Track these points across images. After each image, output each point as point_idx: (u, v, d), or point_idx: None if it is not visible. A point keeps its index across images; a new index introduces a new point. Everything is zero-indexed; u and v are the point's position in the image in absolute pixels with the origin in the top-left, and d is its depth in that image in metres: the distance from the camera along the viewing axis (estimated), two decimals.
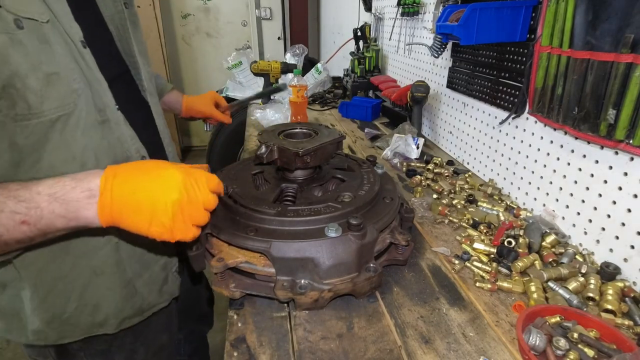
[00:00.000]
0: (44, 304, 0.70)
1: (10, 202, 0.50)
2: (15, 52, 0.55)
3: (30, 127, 0.59)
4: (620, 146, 0.75)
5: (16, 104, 0.57)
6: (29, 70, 0.56)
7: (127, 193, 0.53)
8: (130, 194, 0.53)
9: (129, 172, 0.55)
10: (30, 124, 0.59)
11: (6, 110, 0.56)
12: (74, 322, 0.74)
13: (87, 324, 0.76)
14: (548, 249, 0.88)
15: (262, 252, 0.69)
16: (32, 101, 0.58)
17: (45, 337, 0.73)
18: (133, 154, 0.76)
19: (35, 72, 0.57)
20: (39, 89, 0.58)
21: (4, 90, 0.55)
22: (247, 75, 2.44)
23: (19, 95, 0.56)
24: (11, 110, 0.57)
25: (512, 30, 1.03)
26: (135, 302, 0.81)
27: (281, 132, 0.91)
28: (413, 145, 1.44)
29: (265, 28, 4.79)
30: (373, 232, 0.72)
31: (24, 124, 0.58)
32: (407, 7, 1.77)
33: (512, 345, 0.64)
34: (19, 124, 0.58)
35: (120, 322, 0.79)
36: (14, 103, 0.56)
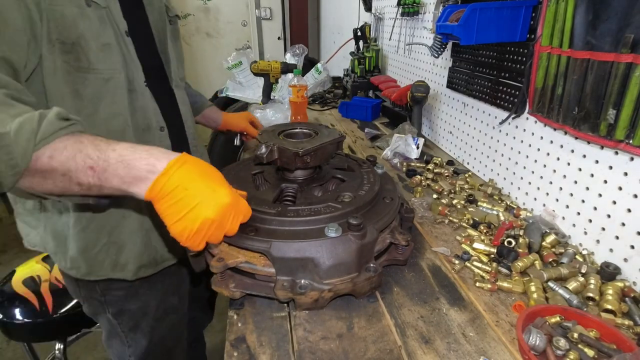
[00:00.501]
0: (82, 233, 0.84)
1: (89, 147, 0.56)
2: (82, 21, 0.74)
3: (89, 80, 0.76)
4: (620, 146, 0.75)
5: (80, 59, 0.74)
6: (91, 37, 0.75)
7: (180, 185, 0.57)
8: (181, 189, 0.57)
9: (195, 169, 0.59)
10: (89, 77, 0.76)
11: (73, 62, 0.74)
12: (101, 260, 0.87)
13: (111, 264, 0.88)
14: (548, 249, 0.88)
15: (262, 252, 0.69)
16: (92, 59, 0.76)
17: (78, 267, 0.86)
18: (153, 123, 0.89)
19: (95, 40, 0.76)
20: (97, 52, 0.76)
21: (73, 46, 0.73)
22: (247, 75, 2.44)
23: (82, 53, 0.74)
24: (76, 63, 0.74)
25: (512, 30, 1.03)
26: (150, 252, 0.93)
27: (281, 132, 0.91)
28: (413, 145, 1.44)
29: (265, 28, 4.79)
30: (373, 232, 0.72)
31: (84, 76, 0.76)
32: (407, 7, 1.77)
33: (512, 345, 0.64)
34: (81, 74, 0.75)
35: (137, 269, 0.91)
36: (79, 58, 0.74)
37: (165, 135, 0.92)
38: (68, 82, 0.74)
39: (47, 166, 0.54)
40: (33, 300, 1.30)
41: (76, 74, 0.75)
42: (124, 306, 0.97)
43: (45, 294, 1.33)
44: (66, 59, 0.73)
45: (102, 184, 0.57)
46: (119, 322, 0.99)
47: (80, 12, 0.73)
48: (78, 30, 0.73)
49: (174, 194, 0.57)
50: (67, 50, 0.72)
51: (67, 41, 0.72)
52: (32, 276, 1.40)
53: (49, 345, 1.45)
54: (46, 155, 0.53)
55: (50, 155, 0.53)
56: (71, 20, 0.72)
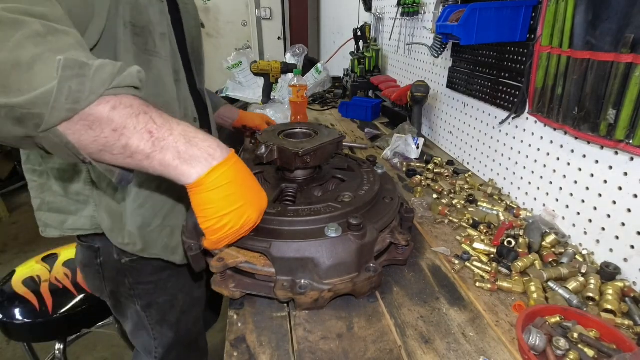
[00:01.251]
0: (140, 209, 0.84)
1: (155, 113, 0.54)
2: (152, 9, 0.79)
3: (154, 62, 0.79)
4: (620, 146, 0.75)
5: (147, 42, 0.78)
6: (156, 23, 0.79)
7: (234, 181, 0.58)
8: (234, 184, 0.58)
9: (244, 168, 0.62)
10: (153, 60, 0.79)
11: (141, 45, 0.76)
12: (155, 239, 0.88)
13: (163, 244, 0.90)
14: (548, 249, 0.88)
15: (262, 252, 0.69)
16: (157, 43, 0.80)
17: (135, 242, 0.86)
18: (189, 113, 0.92)
19: (158, 27, 0.80)
20: (157, 39, 0.80)
21: (142, 30, 0.76)
22: (247, 75, 2.44)
23: (150, 37, 0.78)
24: (144, 45, 0.77)
25: (512, 30, 1.03)
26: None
27: (281, 132, 0.91)
28: (413, 145, 1.44)
29: (265, 28, 4.79)
30: (373, 232, 0.72)
31: (150, 58, 0.79)
32: (407, 7, 1.77)
33: (512, 345, 0.64)
34: (147, 57, 0.78)
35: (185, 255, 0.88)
36: (147, 41, 0.78)
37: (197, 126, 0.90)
38: (138, 62, 0.75)
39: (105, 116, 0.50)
40: (33, 300, 1.30)
41: (144, 56, 0.77)
42: (152, 299, 0.98)
43: (45, 294, 1.33)
44: (136, 42, 0.75)
45: (153, 152, 0.54)
46: (147, 314, 1.00)
47: (149, 1, 0.78)
48: (148, 16, 0.77)
49: (226, 188, 0.57)
50: (137, 33, 0.75)
51: (138, 24, 0.75)
52: (32, 276, 1.40)
53: (49, 345, 1.45)
54: (111, 104, 0.50)
55: (114, 106, 0.50)
56: (143, 6, 0.76)
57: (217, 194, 0.57)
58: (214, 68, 1.48)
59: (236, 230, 0.61)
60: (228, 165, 0.57)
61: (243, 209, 0.60)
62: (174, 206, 0.90)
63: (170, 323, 1.04)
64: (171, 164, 0.55)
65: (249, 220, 0.62)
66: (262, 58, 2.98)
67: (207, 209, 0.59)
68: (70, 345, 1.68)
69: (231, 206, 0.58)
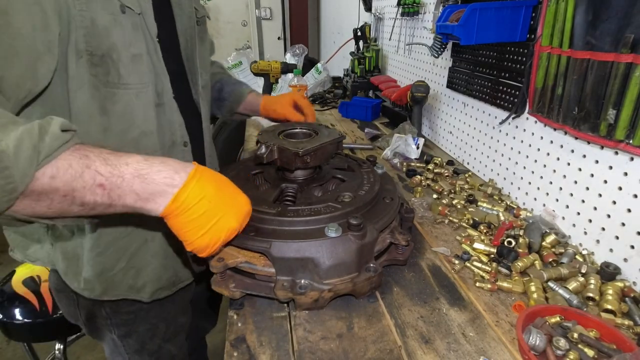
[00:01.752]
0: (99, 257, 0.78)
1: (97, 162, 0.50)
2: (115, 30, 0.67)
3: (118, 95, 0.70)
4: (620, 146, 0.75)
5: (109, 72, 0.68)
6: (122, 47, 0.69)
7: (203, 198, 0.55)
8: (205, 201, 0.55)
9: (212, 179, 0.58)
10: (118, 92, 0.70)
11: (102, 76, 0.67)
12: (118, 281, 0.82)
13: (128, 285, 0.84)
14: (548, 249, 0.88)
15: (262, 252, 0.69)
16: (123, 72, 0.69)
17: (92, 288, 0.81)
18: (178, 138, 0.84)
19: (126, 50, 0.69)
20: (127, 64, 0.70)
21: (102, 59, 0.66)
22: (247, 75, 2.44)
23: (113, 66, 0.68)
24: (105, 77, 0.68)
25: (512, 30, 1.03)
26: (169, 274, 0.89)
27: (281, 132, 0.91)
28: (413, 145, 1.44)
29: (265, 28, 4.79)
30: (373, 232, 0.72)
31: (113, 91, 0.69)
32: (407, 7, 1.77)
33: (512, 345, 0.64)
34: (110, 90, 0.69)
35: (154, 291, 0.87)
36: (108, 71, 0.68)
37: (188, 150, 0.86)
38: (95, 98, 0.68)
39: (47, 187, 0.47)
40: (33, 300, 1.30)
41: (105, 89, 0.68)
42: (132, 328, 0.92)
43: (45, 294, 1.33)
44: (94, 73, 0.66)
45: (111, 202, 0.52)
46: (124, 344, 0.93)
47: (113, 20, 0.66)
48: (110, 40, 0.66)
49: (197, 208, 0.55)
50: (95, 62, 0.66)
51: (96, 52, 0.65)
52: (32, 276, 1.40)
53: (49, 345, 1.45)
54: (47, 175, 0.46)
55: (52, 175, 0.47)
56: (102, 29, 0.65)
57: (190, 216, 0.55)
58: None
59: (223, 242, 0.60)
60: (190, 186, 0.54)
61: (221, 222, 0.57)
62: (141, 246, 0.83)
63: (151, 351, 0.97)
64: (134, 205, 0.53)
65: (230, 230, 0.59)
66: (262, 58, 2.98)
67: (186, 232, 0.57)
68: (70, 345, 1.68)
69: (208, 223, 0.56)
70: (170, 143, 0.82)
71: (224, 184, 0.60)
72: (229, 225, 0.58)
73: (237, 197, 0.61)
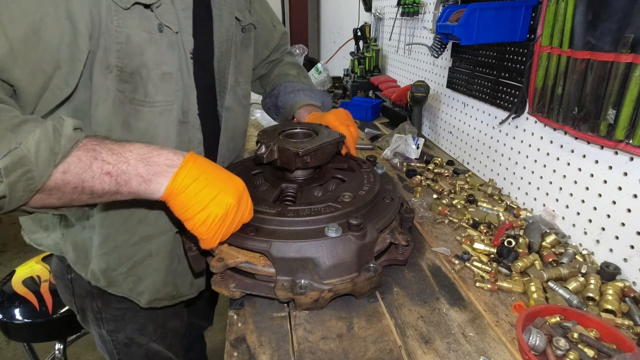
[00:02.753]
0: (105, 257, 0.80)
1: (104, 153, 0.54)
2: (150, 48, 0.67)
3: (142, 113, 0.70)
4: (620, 146, 0.75)
5: (137, 90, 0.68)
6: (154, 66, 0.68)
7: (201, 176, 0.59)
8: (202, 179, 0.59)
9: (207, 162, 0.62)
10: (143, 110, 0.70)
11: (128, 93, 0.67)
12: (119, 282, 0.84)
13: (128, 288, 0.85)
14: (548, 249, 0.88)
15: (262, 252, 0.69)
16: (150, 90, 0.69)
17: (97, 280, 0.83)
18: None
19: (157, 68, 0.69)
20: (156, 82, 0.69)
21: (131, 76, 0.66)
22: None
23: (141, 83, 0.68)
24: (132, 94, 0.67)
25: (512, 30, 1.03)
26: (169, 289, 0.89)
27: (281, 132, 0.91)
28: (413, 145, 1.44)
29: None
30: (373, 232, 0.72)
31: (138, 109, 0.69)
32: (407, 7, 1.77)
33: (512, 345, 0.64)
34: (134, 107, 0.69)
35: (152, 300, 0.88)
36: (136, 88, 0.67)
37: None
38: (119, 113, 0.68)
39: (60, 182, 0.51)
40: (33, 300, 1.30)
41: (130, 106, 0.68)
42: (120, 325, 0.93)
43: (45, 294, 1.33)
44: (121, 89, 0.66)
45: (118, 189, 0.55)
46: (113, 339, 0.95)
47: (149, 38, 0.66)
48: (143, 57, 0.66)
49: (196, 185, 0.58)
50: (124, 79, 0.66)
51: (126, 69, 0.66)
52: (32, 276, 1.40)
53: (49, 345, 1.45)
54: (60, 171, 0.51)
55: (64, 171, 0.51)
56: (136, 46, 0.65)
57: (189, 194, 0.58)
58: None
59: (221, 219, 0.61)
60: (188, 166, 0.59)
61: (219, 197, 0.60)
62: (145, 258, 0.84)
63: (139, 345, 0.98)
64: (139, 188, 0.57)
65: (228, 205, 0.61)
66: None
67: (186, 210, 0.59)
68: (70, 345, 1.68)
69: (207, 198, 0.59)
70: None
71: (218, 168, 0.64)
72: (226, 201, 0.60)
73: (232, 179, 0.64)
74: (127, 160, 0.55)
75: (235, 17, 0.89)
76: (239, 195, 0.63)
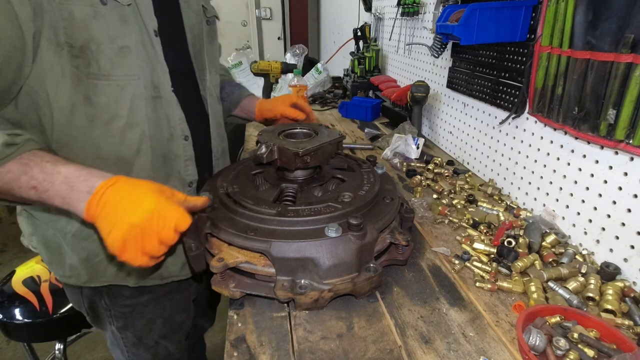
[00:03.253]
0: (85, 243, 0.81)
1: (35, 169, 0.61)
2: (95, 22, 0.68)
3: (100, 87, 0.71)
4: (620, 146, 0.75)
5: (90, 64, 0.69)
6: (105, 40, 0.69)
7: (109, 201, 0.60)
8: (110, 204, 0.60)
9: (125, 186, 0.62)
10: (100, 84, 0.71)
11: (83, 68, 0.69)
12: (102, 268, 0.85)
13: (113, 272, 0.86)
14: (548, 249, 0.88)
15: (262, 252, 0.69)
16: (104, 64, 0.70)
17: (78, 275, 0.84)
18: (178, 132, 0.85)
19: (111, 42, 0.70)
20: (111, 57, 0.71)
21: (81, 51, 0.68)
22: (247, 75, 2.44)
23: (93, 57, 0.69)
24: (86, 69, 0.69)
25: (512, 30, 1.03)
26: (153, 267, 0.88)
27: (281, 132, 0.91)
28: (413, 145, 1.44)
29: (265, 28, 4.79)
30: (373, 232, 0.72)
31: (95, 83, 0.71)
32: (407, 7, 1.77)
33: (512, 345, 0.64)
34: (91, 81, 0.70)
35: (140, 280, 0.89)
36: (89, 63, 0.69)
37: (189, 144, 0.87)
38: (79, 89, 0.70)
39: None
40: (33, 300, 1.30)
41: (87, 81, 0.70)
42: (129, 321, 0.95)
43: (45, 294, 1.33)
44: (75, 64, 0.68)
45: (43, 201, 0.61)
46: (123, 336, 0.97)
47: (93, 12, 0.67)
48: (88, 32, 0.67)
49: (105, 210, 0.60)
50: (75, 54, 0.67)
51: (75, 44, 0.67)
52: (32, 276, 1.40)
53: (49, 345, 1.45)
54: None
55: None
56: (80, 21, 0.66)
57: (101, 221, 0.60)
58: None
59: (126, 242, 0.59)
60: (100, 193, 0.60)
61: (121, 221, 0.59)
62: None
63: (148, 346, 0.99)
64: (62, 206, 0.62)
65: (129, 224, 0.59)
66: (262, 58, 2.98)
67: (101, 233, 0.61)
68: (70, 345, 1.68)
69: (110, 224, 0.59)
70: (168, 136, 0.83)
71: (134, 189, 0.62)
72: (128, 220, 0.59)
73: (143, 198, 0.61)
74: (53, 182, 0.60)
75: (202, 5, 0.91)
76: (145, 213, 0.60)
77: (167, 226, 0.62)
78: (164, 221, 0.61)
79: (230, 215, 0.76)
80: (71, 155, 0.72)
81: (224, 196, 0.80)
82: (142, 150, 0.79)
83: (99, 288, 0.89)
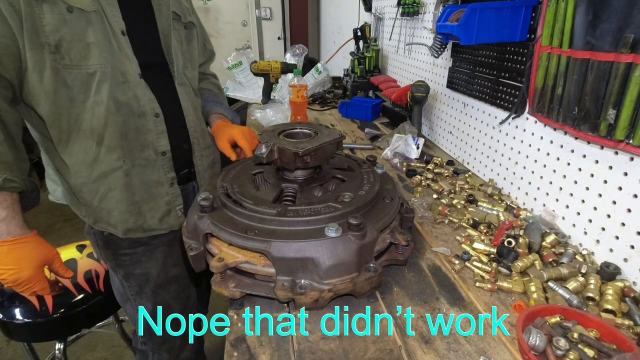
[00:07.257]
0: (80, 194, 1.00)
1: None
2: (64, 26, 0.86)
3: (74, 74, 0.89)
4: (620, 146, 0.75)
5: (64, 58, 0.87)
6: (73, 38, 0.87)
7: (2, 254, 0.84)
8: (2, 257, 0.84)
9: (14, 249, 0.84)
10: (73, 72, 0.89)
11: (59, 60, 0.87)
12: (97, 216, 1.03)
13: (105, 222, 1.04)
14: (548, 249, 0.88)
15: (262, 252, 0.69)
16: (74, 57, 0.88)
17: (88, 216, 1.04)
18: (148, 110, 1.00)
19: (79, 41, 0.88)
20: (80, 51, 0.89)
21: (56, 48, 0.86)
22: (247, 75, 2.44)
23: (65, 52, 0.87)
24: (61, 61, 0.87)
25: (512, 30, 1.03)
26: (137, 220, 1.06)
27: (281, 132, 0.91)
28: (413, 145, 1.44)
29: (265, 28, 4.79)
30: (373, 232, 0.72)
31: (69, 71, 0.88)
32: (407, 7, 1.77)
33: (512, 345, 0.64)
34: (67, 70, 0.88)
35: (125, 231, 1.05)
36: (63, 57, 0.87)
37: (160, 120, 1.03)
38: (59, 76, 0.88)
39: None
40: (33, 300, 1.30)
41: (64, 70, 0.88)
42: (129, 270, 1.13)
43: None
44: (53, 58, 0.86)
45: None
46: (128, 284, 1.14)
47: (62, 19, 0.85)
48: (60, 34, 0.85)
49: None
50: (52, 50, 0.86)
51: (51, 44, 0.85)
52: None
53: (49, 345, 1.45)
54: None
55: None
56: (53, 26, 0.84)
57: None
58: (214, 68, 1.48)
59: (10, 286, 0.86)
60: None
61: (4, 276, 0.85)
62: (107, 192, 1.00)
63: (147, 295, 1.16)
64: None
65: (6, 282, 0.85)
66: (262, 58, 2.98)
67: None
68: (70, 345, 1.68)
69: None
70: (139, 112, 0.99)
71: (16, 251, 0.85)
72: (4, 277, 0.84)
73: (21, 262, 0.85)
74: None
75: (174, 12, 1.09)
76: (13, 273, 0.85)
77: (30, 290, 0.90)
78: (27, 286, 0.88)
79: (230, 215, 0.76)
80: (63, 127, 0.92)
81: (224, 196, 0.80)
82: (109, 124, 0.95)
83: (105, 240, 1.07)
